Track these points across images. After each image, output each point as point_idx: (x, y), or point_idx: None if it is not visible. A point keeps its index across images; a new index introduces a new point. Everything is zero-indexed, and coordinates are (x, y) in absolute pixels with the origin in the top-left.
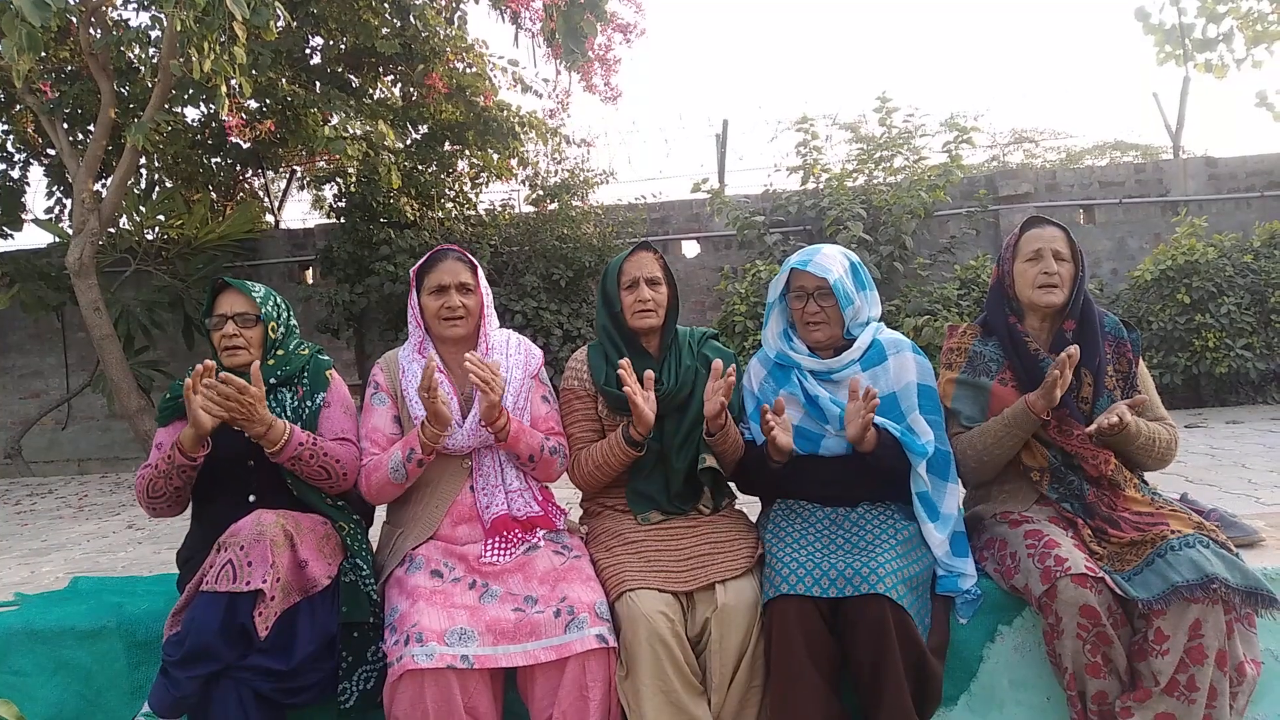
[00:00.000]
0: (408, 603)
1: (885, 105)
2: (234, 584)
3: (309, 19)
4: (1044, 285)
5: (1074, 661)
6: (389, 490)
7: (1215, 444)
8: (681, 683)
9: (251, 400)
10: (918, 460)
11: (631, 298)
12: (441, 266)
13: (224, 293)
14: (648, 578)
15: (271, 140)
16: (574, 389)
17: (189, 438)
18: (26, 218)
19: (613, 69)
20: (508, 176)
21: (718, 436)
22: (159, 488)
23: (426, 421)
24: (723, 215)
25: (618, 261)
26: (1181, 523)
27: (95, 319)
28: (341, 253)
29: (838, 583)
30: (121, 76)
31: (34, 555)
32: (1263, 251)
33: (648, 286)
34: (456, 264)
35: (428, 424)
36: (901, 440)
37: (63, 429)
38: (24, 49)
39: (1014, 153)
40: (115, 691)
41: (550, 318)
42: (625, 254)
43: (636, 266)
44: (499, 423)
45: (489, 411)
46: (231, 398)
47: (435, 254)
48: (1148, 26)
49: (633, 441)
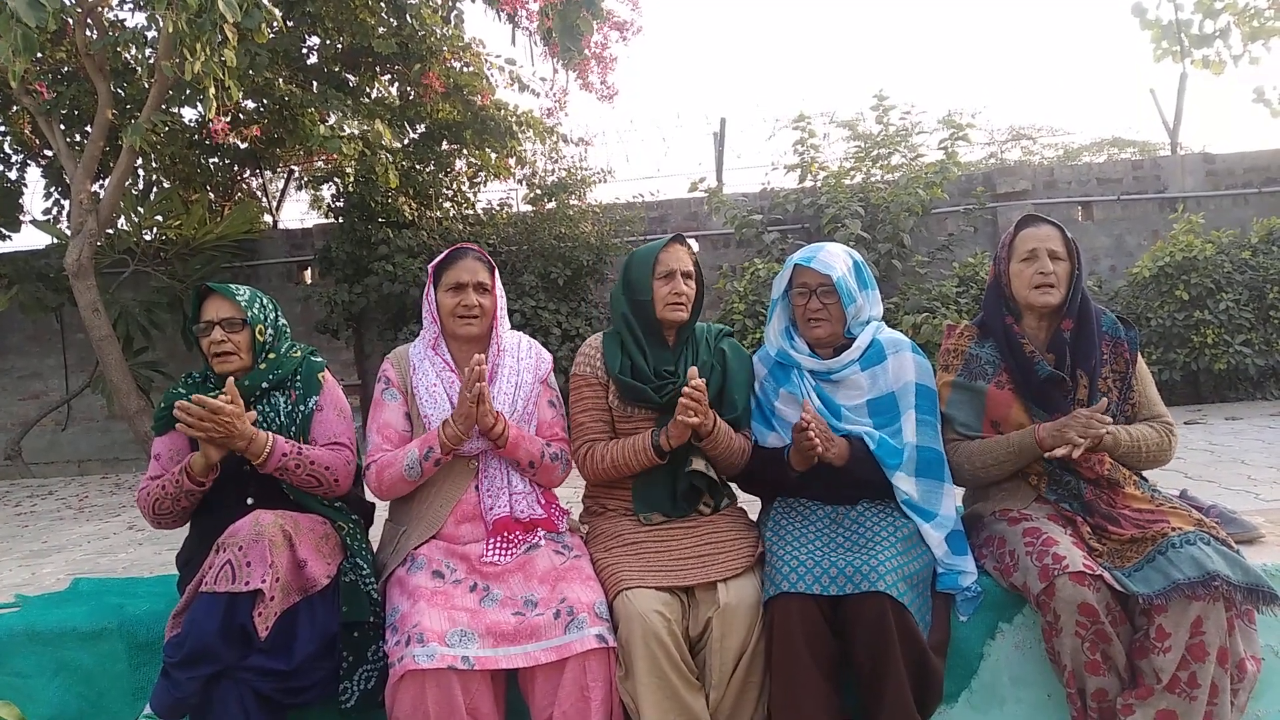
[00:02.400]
0: (409, 603)
1: (882, 103)
2: (233, 584)
3: (305, 18)
4: (1040, 285)
5: (1073, 659)
6: (401, 487)
7: (1214, 440)
8: (679, 679)
9: (227, 419)
10: (891, 471)
11: (667, 289)
12: (461, 264)
13: (209, 298)
14: (645, 576)
15: (269, 140)
16: (585, 376)
17: (200, 465)
18: (24, 219)
19: (609, 67)
20: (505, 176)
21: (706, 442)
22: (165, 506)
23: (452, 422)
24: (720, 214)
25: (652, 250)
26: (1182, 520)
27: (94, 320)
28: (340, 253)
29: (838, 581)
30: (118, 77)
31: (34, 557)
32: (1260, 248)
33: (683, 279)
34: (475, 263)
35: (452, 424)
36: (876, 452)
37: (62, 430)
38: (19, 50)
39: (1011, 150)
40: (116, 693)
41: (549, 317)
42: (660, 244)
43: (674, 259)
44: (495, 429)
45: (483, 419)
46: (204, 418)
47: (455, 251)
48: (1145, 22)
49: (660, 450)
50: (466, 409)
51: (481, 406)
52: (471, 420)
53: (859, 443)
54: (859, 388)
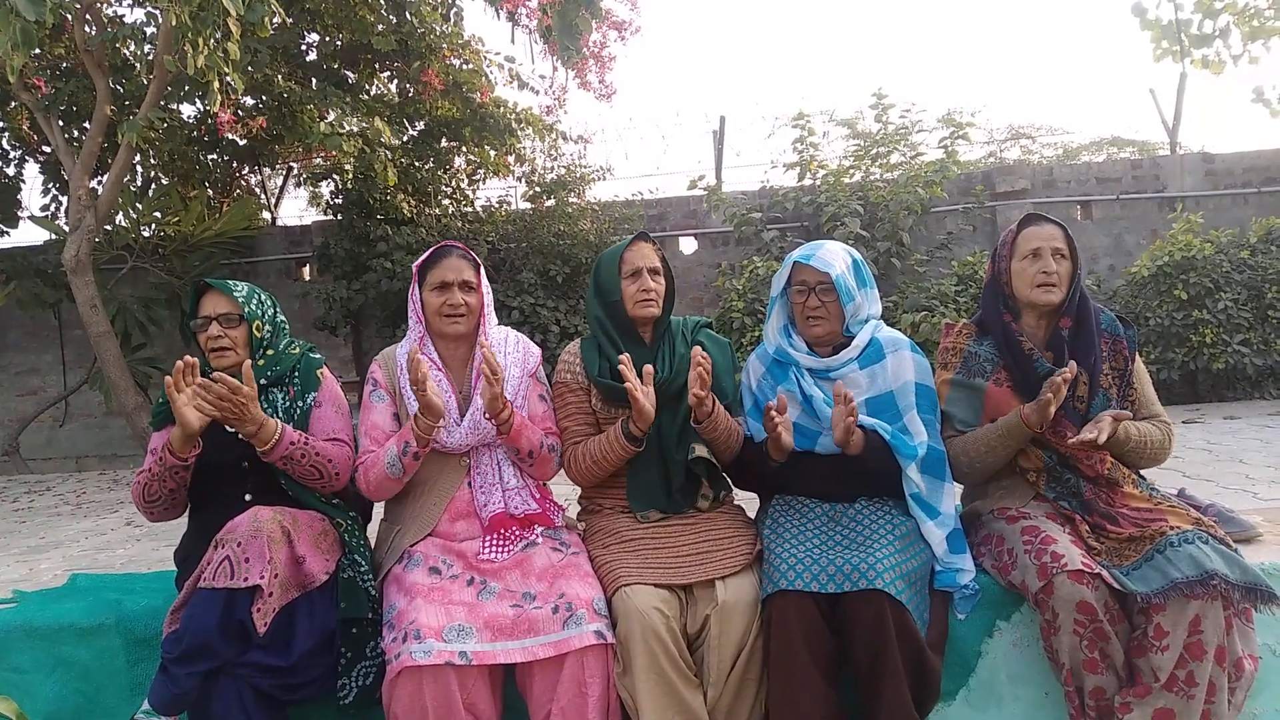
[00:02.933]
0: (406, 600)
1: (882, 102)
2: (231, 580)
3: (305, 15)
4: (1043, 284)
5: (1071, 657)
6: (388, 486)
7: (1213, 439)
8: (678, 676)
9: (244, 399)
10: (907, 463)
11: (634, 287)
12: (445, 263)
13: (206, 294)
14: (643, 573)
15: (268, 137)
16: (566, 383)
17: (178, 438)
18: (22, 215)
19: (607, 66)
20: (504, 173)
21: (706, 424)
22: (154, 491)
23: (419, 414)
24: (720, 212)
25: (617, 251)
26: (1180, 518)
27: (92, 316)
28: (339, 249)
29: (836, 578)
30: (117, 73)
31: (32, 552)
32: (1259, 247)
33: (650, 276)
34: (460, 261)
35: (420, 416)
36: (891, 443)
37: (60, 426)
38: (18, 44)
39: (1011, 149)
40: (114, 688)
41: (547, 314)
42: (624, 244)
43: (639, 256)
44: (503, 414)
45: (493, 403)
46: (225, 397)
47: (439, 250)
48: (1144, 22)
49: (632, 437)
50: (422, 399)
51: (494, 390)
52: (438, 411)
53: (873, 434)
54: (858, 386)
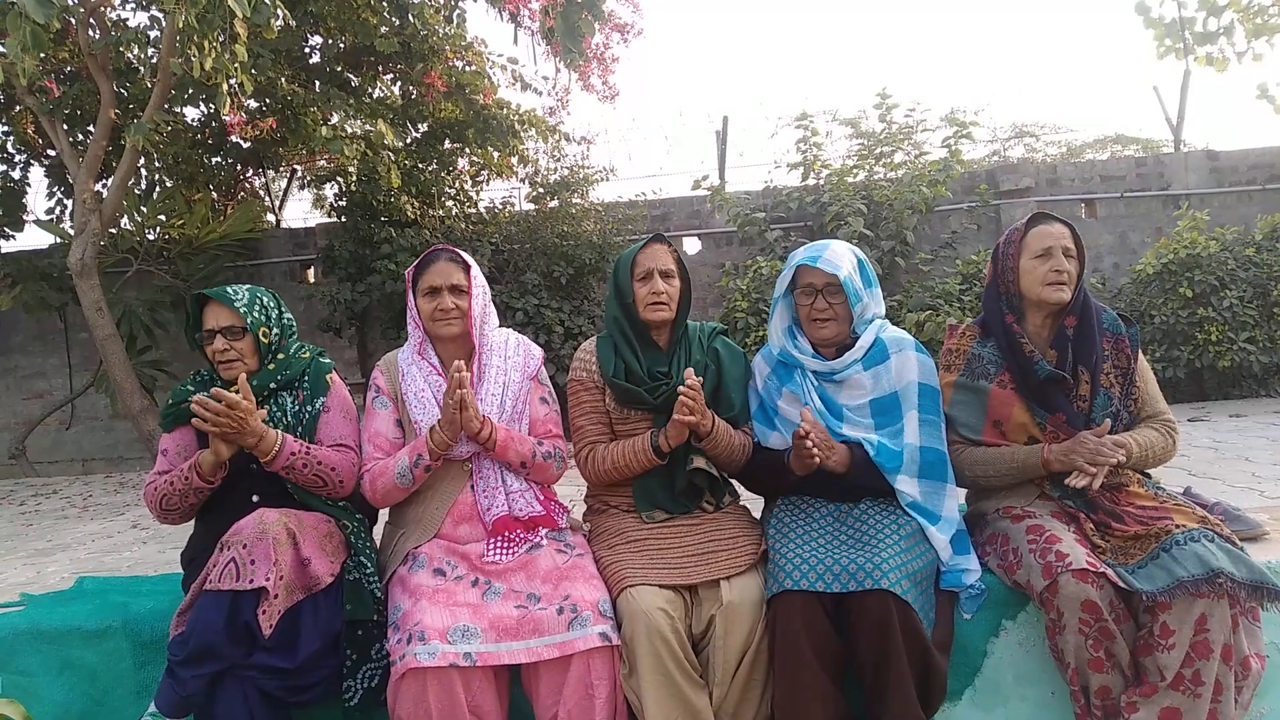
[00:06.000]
0: (410, 601)
1: (885, 101)
2: (237, 582)
3: (308, 18)
4: (1054, 283)
5: (1076, 657)
6: (394, 495)
7: (1218, 438)
8: (683, 677)
9: (241, 415)
10: (891, 476)
11: (645, 289)
12: (434, 268)
13: (208, 306)
14: (648, 574)
15: (272, 140)
16: (581, 380)
17: (209, 463)
18: (28, 219)
19: (610, 68)
20: (508, 174)
21: (706, 442)
22: (173, 502)
23: (438, 428)
24: (723, 212)
25: (631, 253)
26: (1186, 517)
27: (97, 319)
28: (343, 251)
29: (841, 578)
30: (121, 77)
31: (39, 555)
32: (1265, 245)
33: (661, 279)
34: (449, 265)
35: (439, 431)
36: (875, 460)
37: (66, 429)
38: (29, 47)
39: (1014, 147)
40: (121, 691)
41: (551, 315)
42: (639, 245)
43: (650, 258)
44: (483, 434)
45: (469, 426)
46: (221, 413)
47: (428, 255)
48: (1148, 20)
49: (660, 451)
50: (450, 415)
51: (466, 413)
52: (457, 427)
53: (859, 449)
54: (862, 388)
